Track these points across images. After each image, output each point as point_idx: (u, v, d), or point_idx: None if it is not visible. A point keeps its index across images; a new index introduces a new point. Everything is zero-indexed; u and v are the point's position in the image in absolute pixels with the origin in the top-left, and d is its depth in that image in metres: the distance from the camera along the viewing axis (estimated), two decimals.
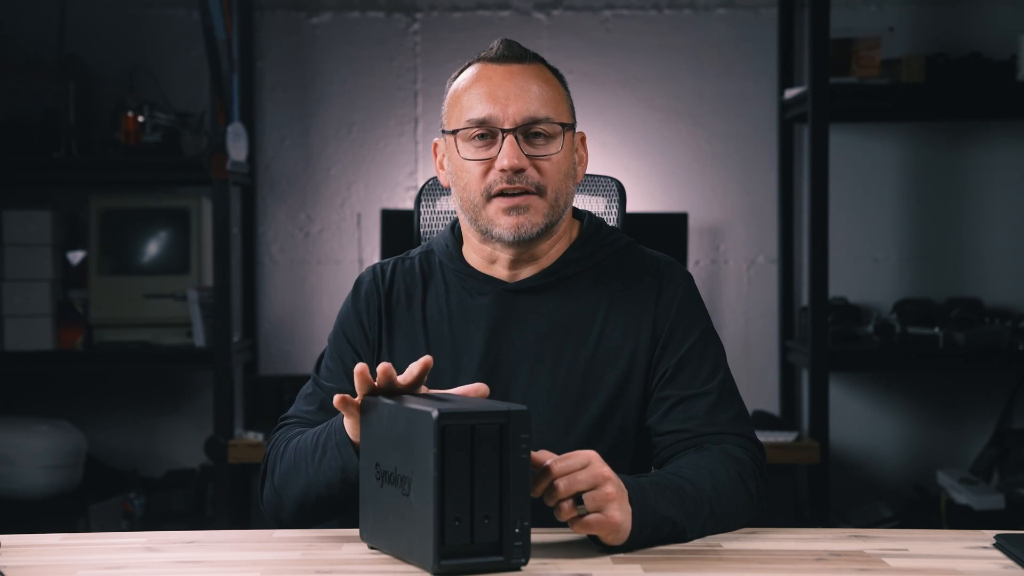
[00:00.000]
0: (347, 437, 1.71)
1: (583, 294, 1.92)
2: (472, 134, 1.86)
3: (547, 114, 1.86)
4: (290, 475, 1.80)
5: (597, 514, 1.55)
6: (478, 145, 1.86)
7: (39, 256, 3.92)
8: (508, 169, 1.83)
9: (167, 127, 3.92)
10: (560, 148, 1.87)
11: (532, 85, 1.86)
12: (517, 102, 1.85)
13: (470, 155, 1.87)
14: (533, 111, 1.85)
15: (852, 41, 3.85)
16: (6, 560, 1.60)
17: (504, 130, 1.84)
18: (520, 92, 1.85)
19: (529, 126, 1.85)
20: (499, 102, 1.85)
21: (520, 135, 1.85)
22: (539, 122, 1.85)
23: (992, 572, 1.51)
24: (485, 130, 1.85)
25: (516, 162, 1.83)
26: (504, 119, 1.84)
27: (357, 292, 1.98)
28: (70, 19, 4.11)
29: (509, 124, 1.84)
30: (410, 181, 4.20)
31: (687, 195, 4.18)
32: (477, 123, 1.85)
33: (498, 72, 1.87)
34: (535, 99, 1.85)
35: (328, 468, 1.74)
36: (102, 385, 4.22)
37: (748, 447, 1.84)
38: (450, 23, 4.21)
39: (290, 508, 1.82)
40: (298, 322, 4.23)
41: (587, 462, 1.56)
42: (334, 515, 1.83)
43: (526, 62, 1.89)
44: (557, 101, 1.88)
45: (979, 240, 4.19)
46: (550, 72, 1.92)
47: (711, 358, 1.90)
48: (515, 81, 1.86)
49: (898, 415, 4.20)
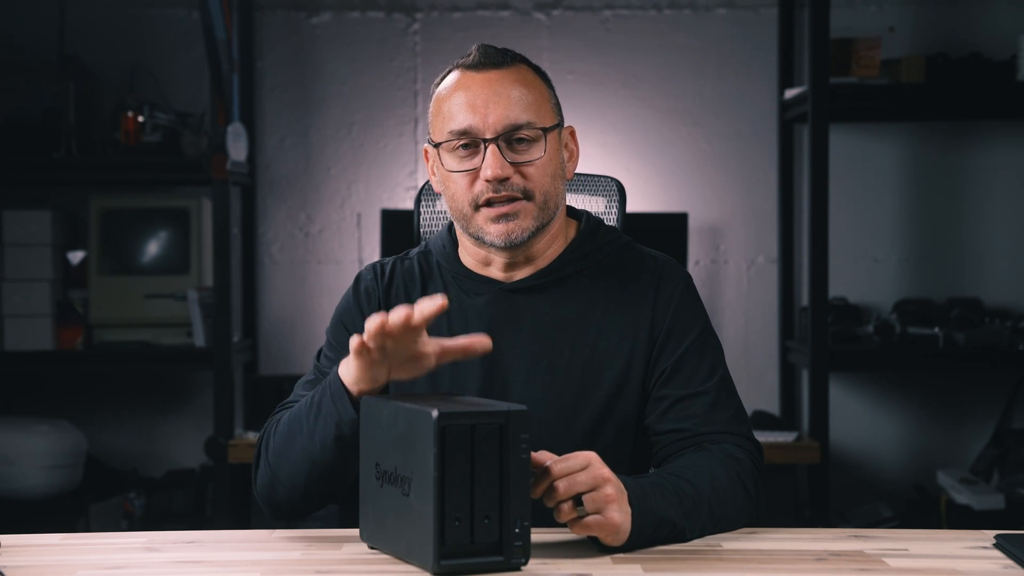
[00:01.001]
0: (342, 386, 1.69)
1: (581, 293, 1.92)
2: (455, 145, 1.85)
3: (528, 119, 1.84)
4: (285, 445, 1.77)
5: (597, 515, 1.55)
6: (462, 156, 1.85)
7: (39, 256, 3.92)
8: (492, 179, 1.82)
9: (167, 127, 3.92)
10: (544, 152, 1.85)
11: (511, 90, 1.84)
12: (497, 110, 1.83)
13: (455, 166, 1.86)
14: (514, 118, 1.83)
15: (852, 41, 3.85)
16: (6, 560, 1.60)
17: (486, 140, 1.83)
18: (499, 99, 1.83)
19: (511, 133, 1.83)
20: (479, 111, 1.83)
21: (503, 143, 1.83)
22: (520, 128, 1.84)
23: (992, 572, 1.51)
24: (467, 140, 1.84)
25: (500, 172, 1.82)
26: (485, 128, 1.83)
27: (357, 286, 1.98)
28: (70, 19, 4.11)
29: (490, 133, 1.83)
30: (410, 181, 4.20)
31: (687, 195, 4.18)
32: (458, 134, 1.84)
33: (476, 80, 1.85)
34: (515, 105, 1.84)
35: (323, 426, 1.71)
36: (102, 385, 4.22)
37: (746, 446, 1.84)
38: (450, 23, 4.21)
39: (284, 483, 1.77)
40: (298, 322, 4.23)
41: (587, 463, 1.56)
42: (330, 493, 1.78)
43: (504, 66, 1.87)
44: (539, 103, 1.86)
45: (979, 240, 4.19)
46: (531, 72, 1.89)
47: (709, 357, 1.89)
48: (493, 88, 1.84)
49: (898, 415, 4.20)
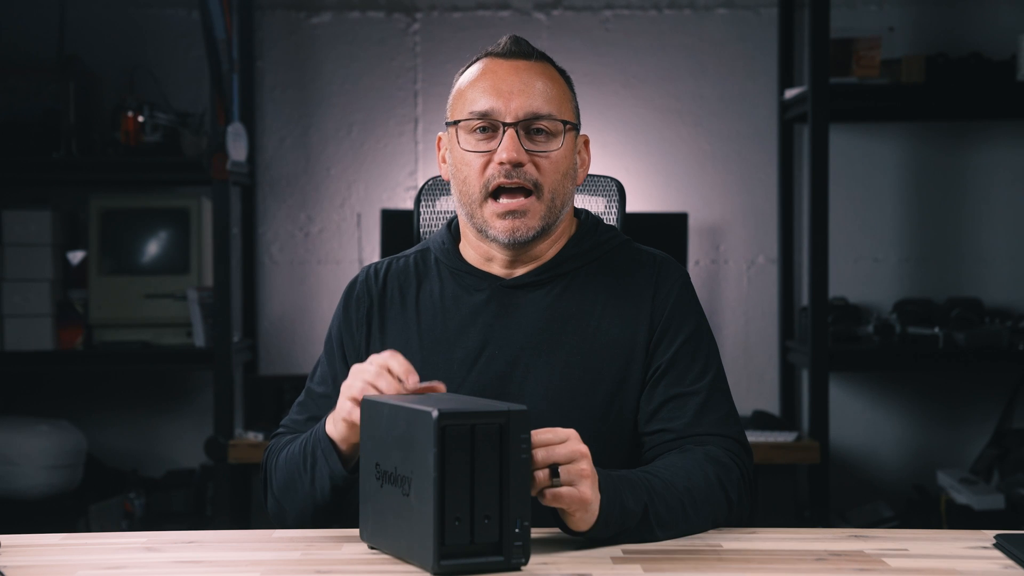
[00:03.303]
0: (330, 444, 1.73)
1: (580, 289, 1.92)
2: (474, 126, 1.86)
3: (550, 111, 1.85)
4: (287, 489, 1.82)
5: (570, 488, 1.56)
6: (479, 138, 1.86)
7: (39, 256, 3.93)
8: (507, 162, 1.83)
9: (167, 127, 3.92)
10: (560, 146, 1.86)
11: (537, 81, 1.86)
12: (520, 96, 1.84)
13: (470, 147, 1.87)
14: (536, 107, 1.85)
15: (852, 41, 3.85)
16: (6, 560, 1.60)
17: (505, 124, 1.84)
18: (524, 87, 1.85)
19: (531, 121, 1.85)
20: (502, 96, 1.85)
21: (521, 130, 1.84)
22: (541, 118, 1.85)
23: (992, 572, 1.51)
24: (487, 123, 1.85)
25: (515, 156, 1.83)
26: (506, 112, 1.84)
27: (348, 296, 1.99)
28: (70, 19, 4.11)
29: (511, 118, 1.84)
30: (410, 181, 4.20)
31: (687, 195, 4.18)
32: (479, 115, 1.85)
33: (503, 67, 1.87)
34: (539, 95, 1.85)
35: (320, 478, 1.75)
36: (102, 385, 4.22)
37: (733, 448, 1.83)
38: (450, 23, 4.21)
39: (293, 516, 1.84)
40: (298, 322, 4.23)
41: (566, 437, 1.57)
42: (338, 518, 1.83)
43: (533, 59, 1.89)
44: (561, 100, 1.88)
45: (979, 240, 4.19)
46: (556, 71, 1.92)
47: (702, 357, 1.89)
48: (520, 76, 1.86)
49: (898, 415, 4.20)
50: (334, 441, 1.73)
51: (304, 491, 1.78)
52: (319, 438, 1.75)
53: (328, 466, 1.73)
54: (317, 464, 1.75)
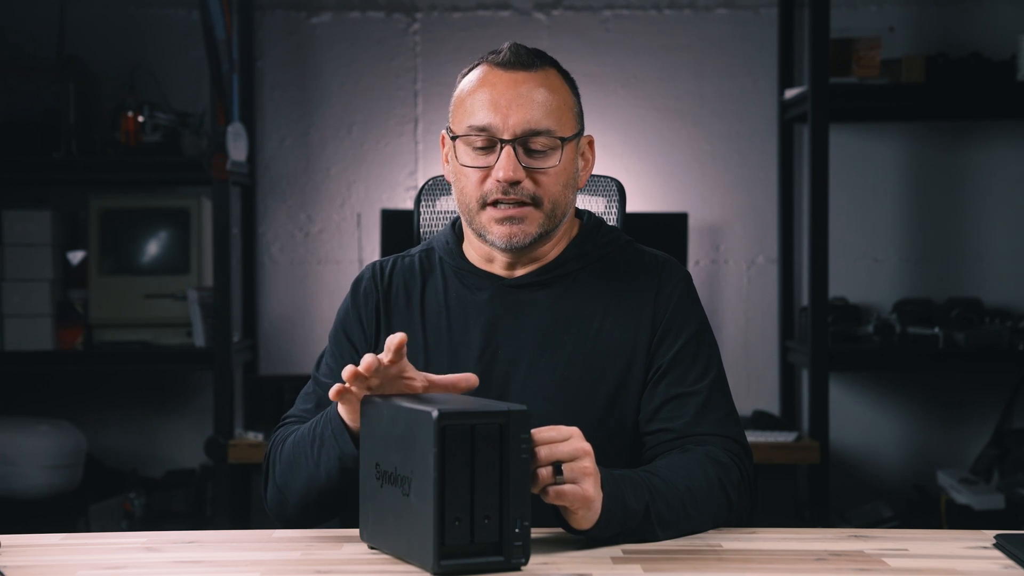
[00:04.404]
0: (342, 424, 1.71)
1: (582, 290, 1.92)
2: (472, 141, 1.85)
3: (548, 126, 1.84)
4: (291, 471, 1.80)
5: (573, 485, 1.56)
6: (477, 152, 1.85)
7: (39, 256, 3.92)
8: (504, 181, 1.83)
9: (167, 127, 3.92)
10: (559, 161, 1.85)
11: (536, 94, 1.84)
12: (519, 112, 1.83)
13: (468, 161, 1.86)
14: (534, 123, 1.83)
15: (852, 41, 3.85)
16: (6, 560, 1.60)
17: (503, 140, 1.83)
18: (523, 102, 1.83)
19: (529, 138, 1.83)
20: (500, 111, 1.83)
21: (519, 146, 1.83)
22: (539, 134, 1.83)
23: (992, 572, 1.51)
24: (485, 138, 1.84)
25: (512, 175, 1.82)
26: (504, 129, 1.83)
27: (356, 290, 1.99)
28: (70, 19, 4.11)
29: (508, 135, 1.83)
30: (410, 181, 4.20)
31: (687, 195, 4.18)
32: (477, 130, 1.84)
33: (503, 79, 1.85)
34: (538, 109, 1.83)
35: (327, 458, 1.73)
36: (102, 385, 4.22)
37: (733, 449, 1.83)
38: (450, 23, 4.21)
39: (294, 504, 1.81)
40: (298, 322, 4.23)
41: (569, 435, 1.57)
42: (337, 509, 1.82)
43: (533, 69, 1.86)
44: (562, 111, 1.86)
45: (979, 240, 4.19)
46: (559, 78, 1.89)
47: (704, 357, 1.89)
48: (518, 90, 1.84)
49: (898, 415, 4.20)
50: (345, 423, 1.71)
51: (308, 471, 1.76)
52: (330, 417, 1.73)
53: (338, 446, 1.71)
54: (325, 444, 1.73)
